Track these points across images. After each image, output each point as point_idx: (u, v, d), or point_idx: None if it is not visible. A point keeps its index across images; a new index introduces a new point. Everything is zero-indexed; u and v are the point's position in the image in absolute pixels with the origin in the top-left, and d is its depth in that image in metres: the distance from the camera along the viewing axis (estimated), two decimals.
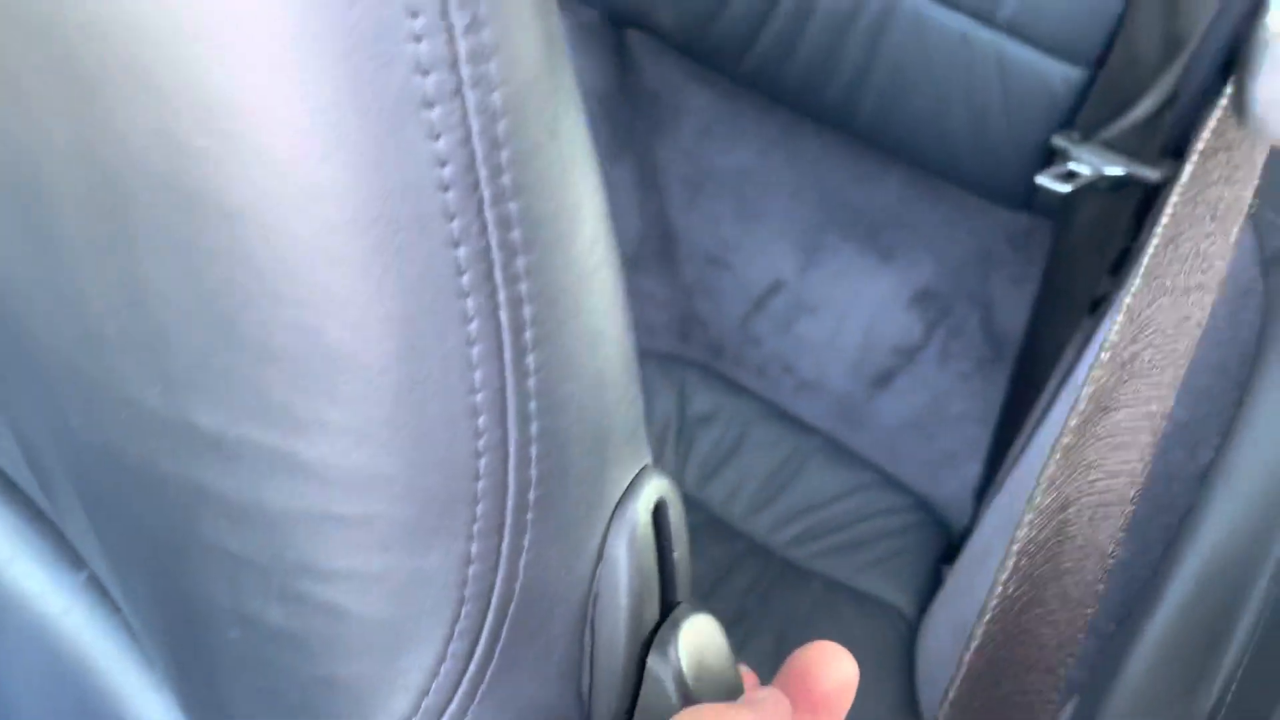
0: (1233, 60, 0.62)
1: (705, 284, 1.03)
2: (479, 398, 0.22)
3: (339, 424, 0.21)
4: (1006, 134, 0.75)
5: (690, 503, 0.93)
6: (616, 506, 0.27)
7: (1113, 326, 0.48)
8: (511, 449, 0.23)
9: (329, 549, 0.23)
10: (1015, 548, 0.47)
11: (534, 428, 0.23)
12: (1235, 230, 0.40)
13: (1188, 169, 0.26)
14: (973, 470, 0.94)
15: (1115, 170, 0.66)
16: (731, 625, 0.83)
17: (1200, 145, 0.24)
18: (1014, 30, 0.70)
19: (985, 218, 0.87)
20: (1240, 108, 0.18)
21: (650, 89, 1.00)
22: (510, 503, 0.23)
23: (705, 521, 0.92)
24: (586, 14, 0.98)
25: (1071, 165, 0.67)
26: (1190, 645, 0.57)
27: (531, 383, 0.22)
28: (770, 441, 0.98)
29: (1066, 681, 0.58)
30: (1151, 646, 0.56)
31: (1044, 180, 0.69)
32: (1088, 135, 0.69)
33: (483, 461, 0.23)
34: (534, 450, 0.23)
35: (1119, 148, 0.68)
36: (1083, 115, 0.70)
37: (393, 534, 0.23)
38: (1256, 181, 0.54)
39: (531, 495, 0.24)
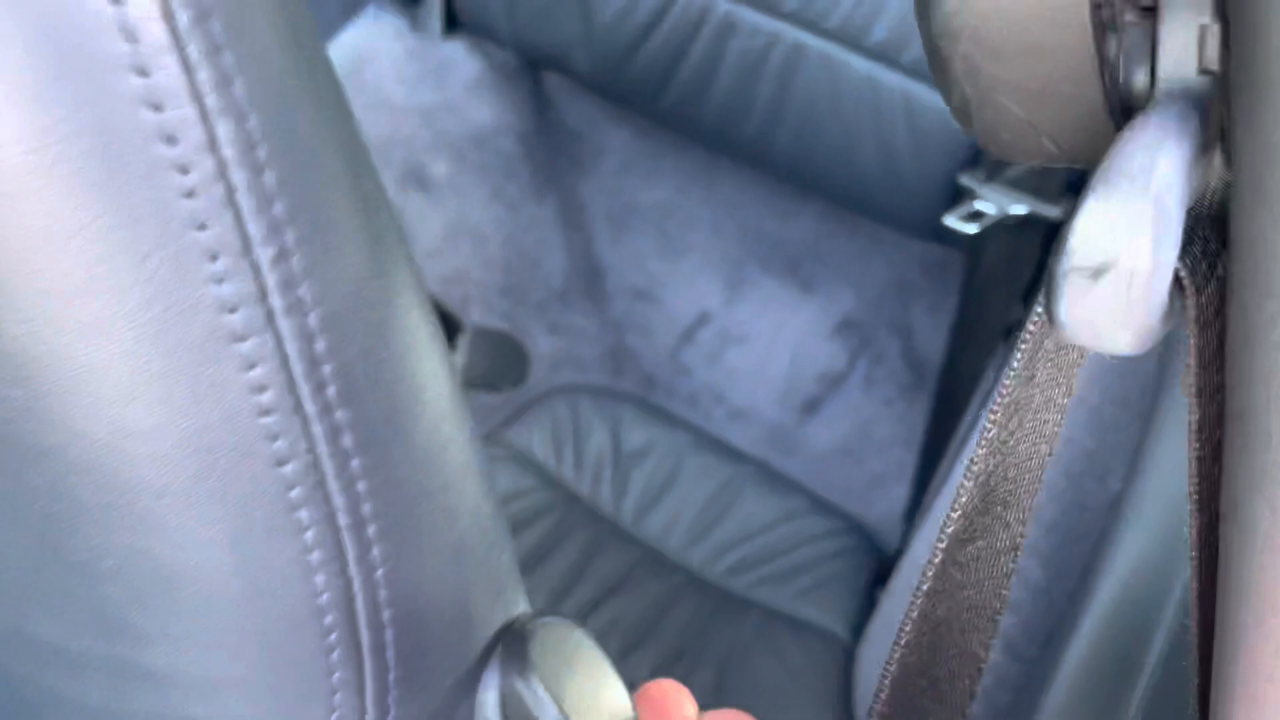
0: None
1: (634, 318, 1.04)
2: (323, 599, 0.22)
3: (183, 634, 0.21)
4: (915, 170, 0.77)
5: (628, 538, 0.93)
6: (487, 666, 0.27)
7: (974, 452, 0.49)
8: (364, 641, 0.23)
9: None
10: (924, 587, 0.48)
11: (386, 615, 0.23)
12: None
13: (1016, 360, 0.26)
14: (901, 492, 0.96)
15: (1019, 209, 0.69)
16: (672, 661, 0.84)
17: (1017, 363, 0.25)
18: (918, 73, 0.72)
19: (900, 250, 0.89)
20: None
21: (570, 128, 1.01)
22: (369, 690, 0.24)
23: (643, 556, 0.93)
24: (502, 56, 0.98)
25: (977, 205, 0.70)
26: (1107, 669, 0.59)
27: (380, 574, 0.23)
28: (704, 471, 0.99)
29: (993, 705, 0.60)
30: (1071, 671, 0.58)
31: (951, 222, 0.71)
32: (992, 174, 0.71)
33: (334, 656, 0.23)
34: (389, 636, 0.24)
35: (1022, 186, 0.70)
36: (987, 155, 0.72)
37: None
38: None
39: (391, 678, 0.24)
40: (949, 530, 0.29)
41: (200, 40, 0.17)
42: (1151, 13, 0.15)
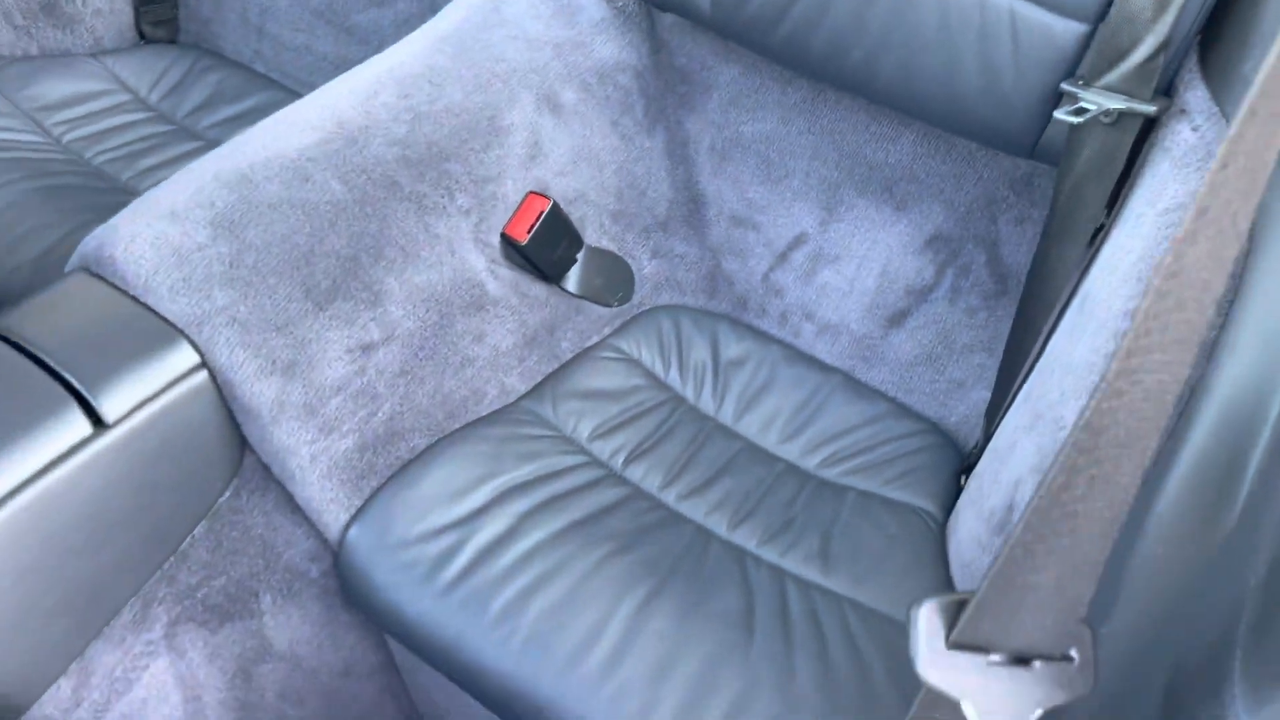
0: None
1: (732, 243, 1.14)
2: None
3: None
4: (1016, 86, 0.87)
5: (731, 434, 1.02)
6: None
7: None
8: None
9: None
10: (1082, 420, 0.50)
11: None
12: None
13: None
14: (981, 395, 1.05)
15: (1118, 104, 0.79)
16: (779, 531, 0.93)
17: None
18: None
19: (991, 167, 0.99)
20: None
21: (680, 66, 1.11)
22: None
23: (745, 447, 1.02)
24: (625, 0, 1.09)
25: (1081, 102, 0.80)
26: (1212, 480, 0.68)
27: None
28: (796, 380, 1.08)
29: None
30: (1182, 475, 0.67)
31: (1060, 115, 0.81)
32: (1090, 83, 0.82)
33: None
34: None
35: (1118, 88, 0.80)
36: (1085, 65, 0.82)
37: None
38: None
39: None
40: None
41: None
42: None
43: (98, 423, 0.74)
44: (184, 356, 0.79)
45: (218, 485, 0.84)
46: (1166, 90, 0.81)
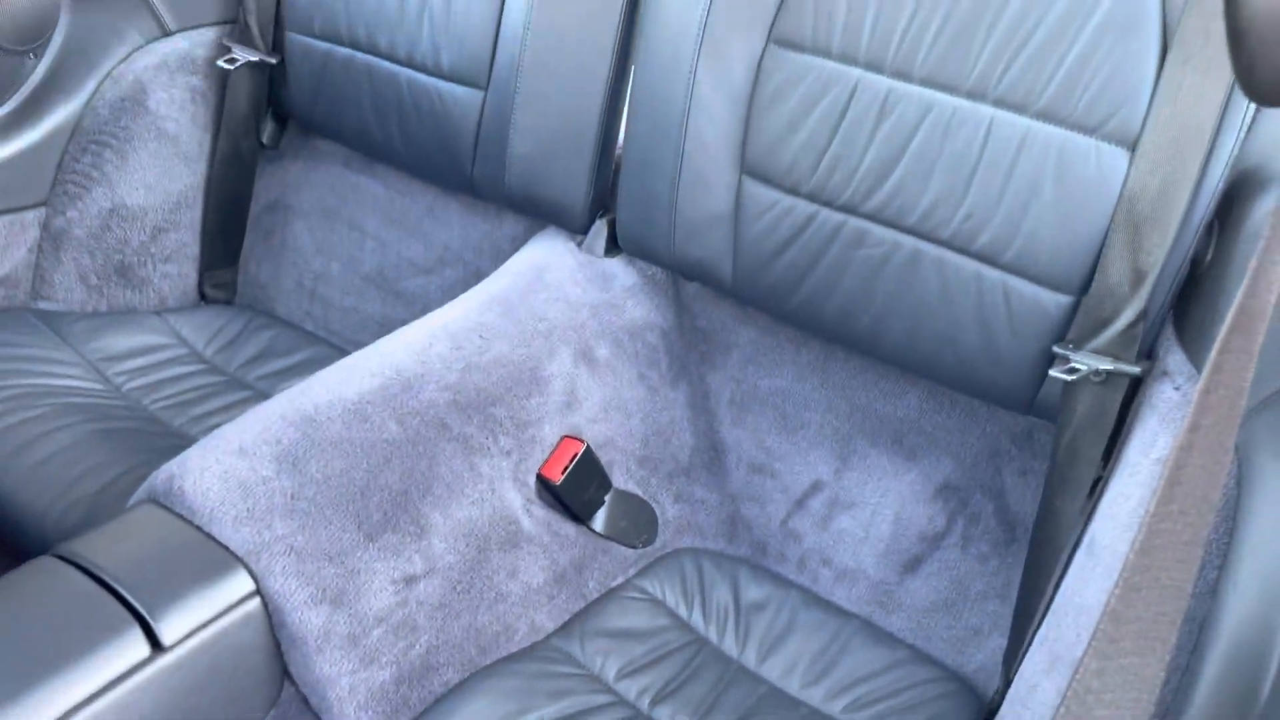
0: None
1: (751, 489, 1.20)
2: None
3: None
4: (1012, 349, 0.96)
5: (755, 677, 1.04)
6: None
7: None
8: None
9: None
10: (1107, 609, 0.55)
11: None
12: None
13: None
14: (998, 644, 1.08)
15: (1106, 365, 0.88)
16: None
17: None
18: (1015, 269, 0.94)
19: (993, 422, 1.07)
20: None
21: (702, 328, 1.22)
22: None
23: (770, 692, 1.04)
24: (651, 270, 1.21)
25: (1073, 363, 0.89)
26: (1226, 716, 0.71)
27: None
28: (816, 625, 1.11)
29: None
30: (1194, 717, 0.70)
31: (1055, 373, 0.90)
32: (1079, 346, 0.91)
33: None
34: None
35: (1106, 352, 0.89)
36: (1074, 330, 0.92)
37: None
38: None
39: None
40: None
41: None
42: None
43: (155, 645, 0.77)
44: (240, 583, 0.83)
45: (258, 714, 0.86)
46: (1149, 352, 0.91)
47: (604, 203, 1.22)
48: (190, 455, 0.89)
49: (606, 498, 1.13)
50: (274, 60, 1.38)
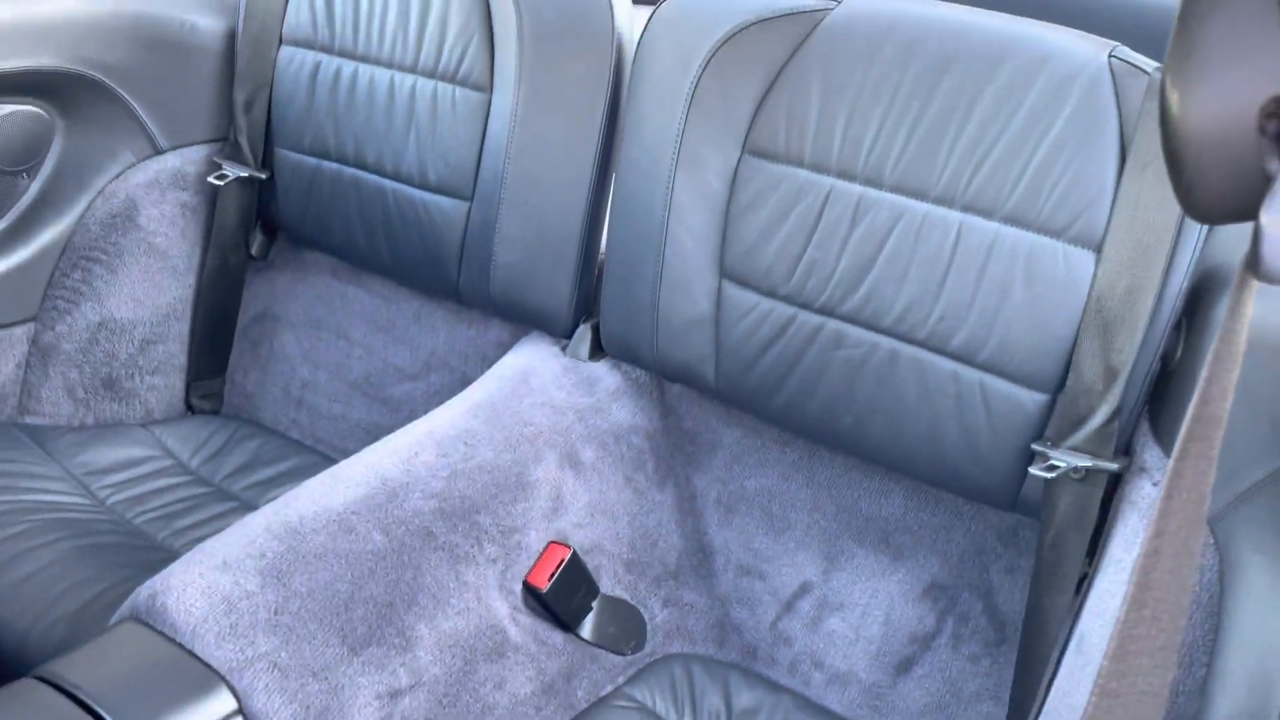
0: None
1: (740, 592, 1.19)
2: None
3: None
4: (993, 446, 0.97)
5: None
6: None
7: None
8: None
9: None
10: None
11: None
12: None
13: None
14: None
15: (1084, 462, 0.89)
16: None
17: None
18: (991, 368, 0.95)
19: (978, 520, 1.08)
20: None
21: (688, 429, 1.23)
22: None
23: None
24: (638, 373, 1.22)
25: (1052, 460, 0.90)
26: None
27: None
28: None
29: None
30: None
31: (1035, 471, 0.90)
32: (1057, 443, 0.92)
33: None
34: None
35: (1084, 450, 0.90)
36: (1051, 427, 0.93)
37: None
38: None
39: None
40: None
41: None
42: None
43: None
44: (223, 702, 0.82)
45: None
46: (1127, 449, 0.92)
47: (588, 307, 1.24)
48: (173, 571, 0.89)
49: (594, 604, 1.12)
50: (264, 175, 1.41)
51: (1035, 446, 0.93)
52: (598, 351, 1.23)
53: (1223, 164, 0.37)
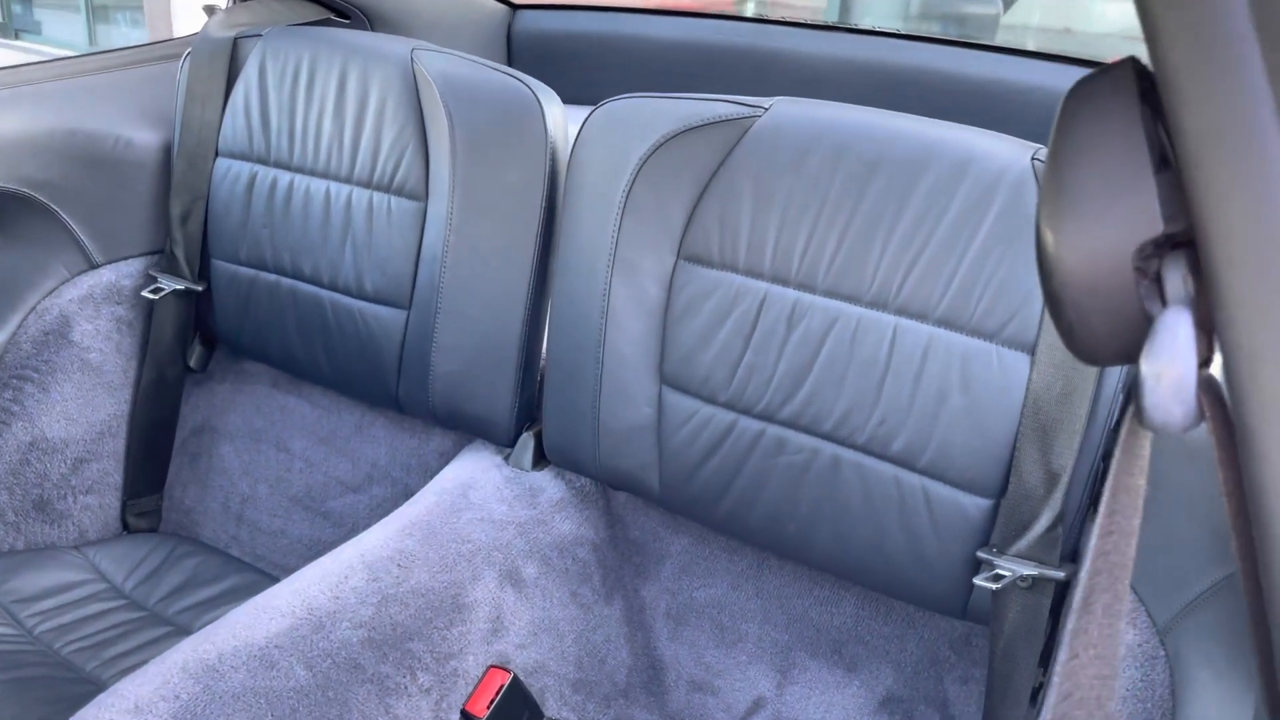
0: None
1: (692, 709, 1.15)
2: None
3: None
4: (939, 553, 0.94)
5: None
6: None
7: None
8: None
9: None
10: None
11: None
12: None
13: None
14: None
15: (1030, 570, 0.86)
16: None
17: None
18: (932, 473, 0.93)
19: (930, 628, 1.04)
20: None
21: (634, 538, 1.19)
22: None
23: None
24: (580, 482, 1.19)
25: (997, 569, 0.87)
26: None
27: None
28: None
29: None
30: None
31: (979, 582, 0.88)
32: (1003, 549, 0.89)
33: None
34: None
35: (1029, 557, 0.88)
36: (996, 534, 0.91)
37: None
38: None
39: None
40: None
41: None
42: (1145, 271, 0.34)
43: None
44: None
45: None
46: (1074, 555, 0.89)
47: (531, 415, 1.21)
48: (84, 717, 0.84)
49: None
50: (200, 288, 1.39)
51: (980, 554, 0.90)
52: (541, 460, 1.20)
53: (1102, 307, 0.35)
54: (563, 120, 1.15)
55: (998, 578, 0.87)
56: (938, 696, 1.05)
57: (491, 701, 1.01)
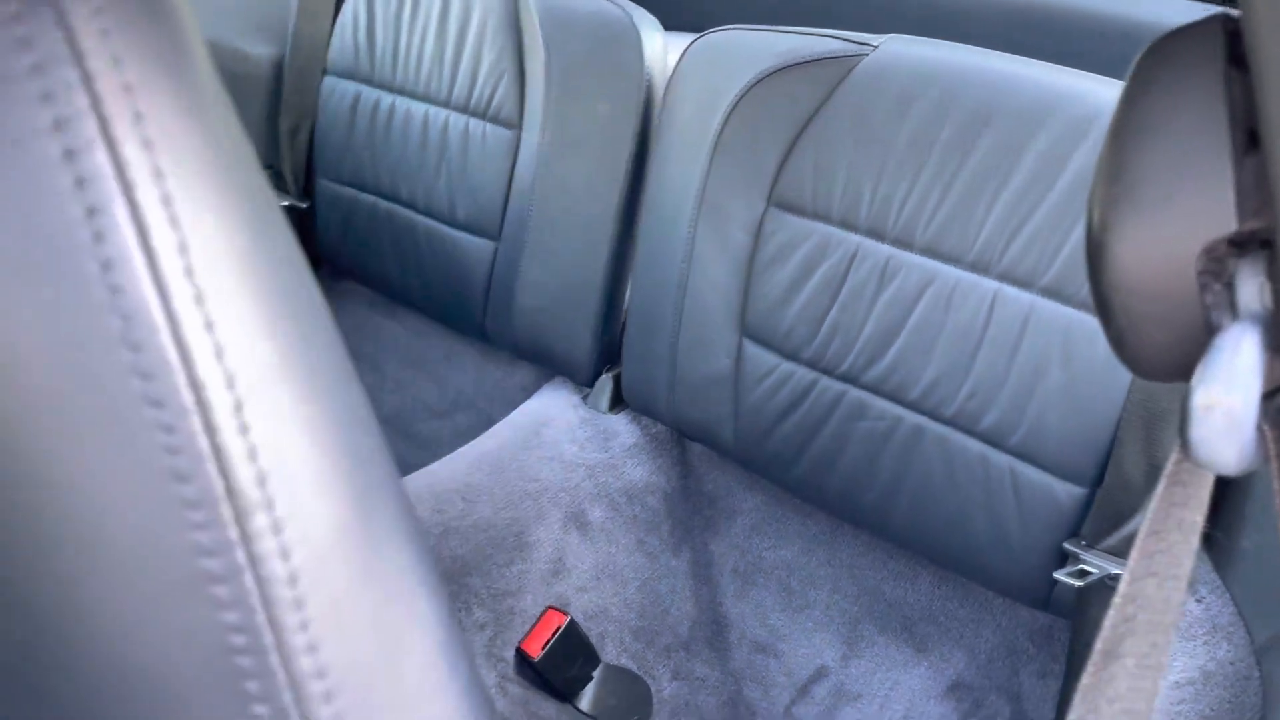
0: None
1: (754, 669, 1.12)
2: None
3: None
4: (1022, 540, 0.88)
5: None
6: None
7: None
8: None
9: None
10: None
11: None
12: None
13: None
14: None
15: (1118, 570, 0.79)
16: None
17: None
18: (1023, 454, 0.86)
19: (1009, 616, 0.98)
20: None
21: (707, 492, 1.16)
22: None
23: None
24: (656, 428, 1.16)
25: (1083, 565, 0.80)
26: None
27: None
28: None
29: None
30: None
31: (1060, 576, 0.81)
32: (1093, 543, 0.82)
33: None
34: None
35: (1120, 553, 0.80)
36: (1087, 525, 0.83)
37: None
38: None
39: None
40: None
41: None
42: (1217, 275, 0.28)
43: None
44: None
45: None
46: None
47: (612, 356, 1.18)
48: None
49: (595, 674, 1.06)
50: (304, 205, 1.40)
51: (1067, 546, 0.83)
52: (619, 403, 1.17)
53: (1157, 314, 0.29)
54: (662, 51, 1.09)
55: (1083, 574, 0.80)
56: (1011, 688, 0.99)
57: (547, 642, 1.00)
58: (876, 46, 0.93)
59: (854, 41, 0.94)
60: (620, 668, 1.09)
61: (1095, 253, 0.30)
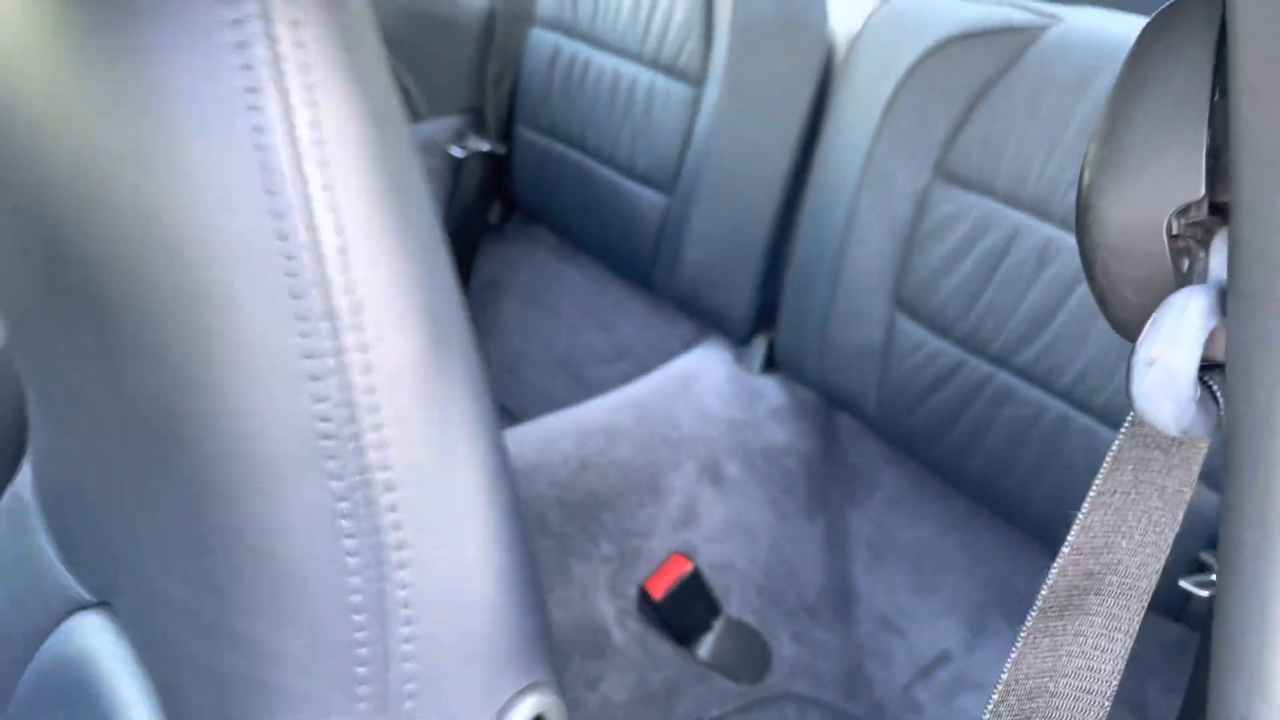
0: None
1: (877, 644, 1.11)
2: (357, 599, 0.28)
3: (262, 609, 0.28)
4: None
5: None
6: (499, 714, 0.31)
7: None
8: (388, 644, 0.28)
9: (257, 707, 0.29)
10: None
11: (406, 631, 0.28)
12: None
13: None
14: None
15: None
16: None
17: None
18: None
19: (1141, 624, 0.93)
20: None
21: (850, 462, 1.15)
22: (390, 690, 0.28)
23: None
24: (806, 394, 1.16)
25: (1214, 576, 0.75)
26: None
27: (403, 595, 0.28)
28: None
29: None
30: None
31: (1186, 584, 0.77)
32: None
33: (363, 651, 0.28)
34: (407, 649, 0.28)
35: None
36: None
37: (295, 703, 0.28)
38: None
39: (408, 688, 0.29)
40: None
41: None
42: (1203, 243, 0.28)
43: None
44: None
45: None
46: None
47: (768, 319, 1.20)
48: None
49: (716, 623, 1.09)
50: (503, 150, 1.48)
51: (1204, 555, 0.78)
52: (770, 365, 1.18)
53: (1132, 275, 0.29)
54: (846, 14, 1.08)
55: (1208, 584, 0.76)
56: (1136, 698, 0.94)
57: (670, 585, 1.04)
58: (1062, 19, 0.89)
59: (1039, 13, 0.90)
60: (742, 622, 1.11)
61: (1081, 212, 0.29)
